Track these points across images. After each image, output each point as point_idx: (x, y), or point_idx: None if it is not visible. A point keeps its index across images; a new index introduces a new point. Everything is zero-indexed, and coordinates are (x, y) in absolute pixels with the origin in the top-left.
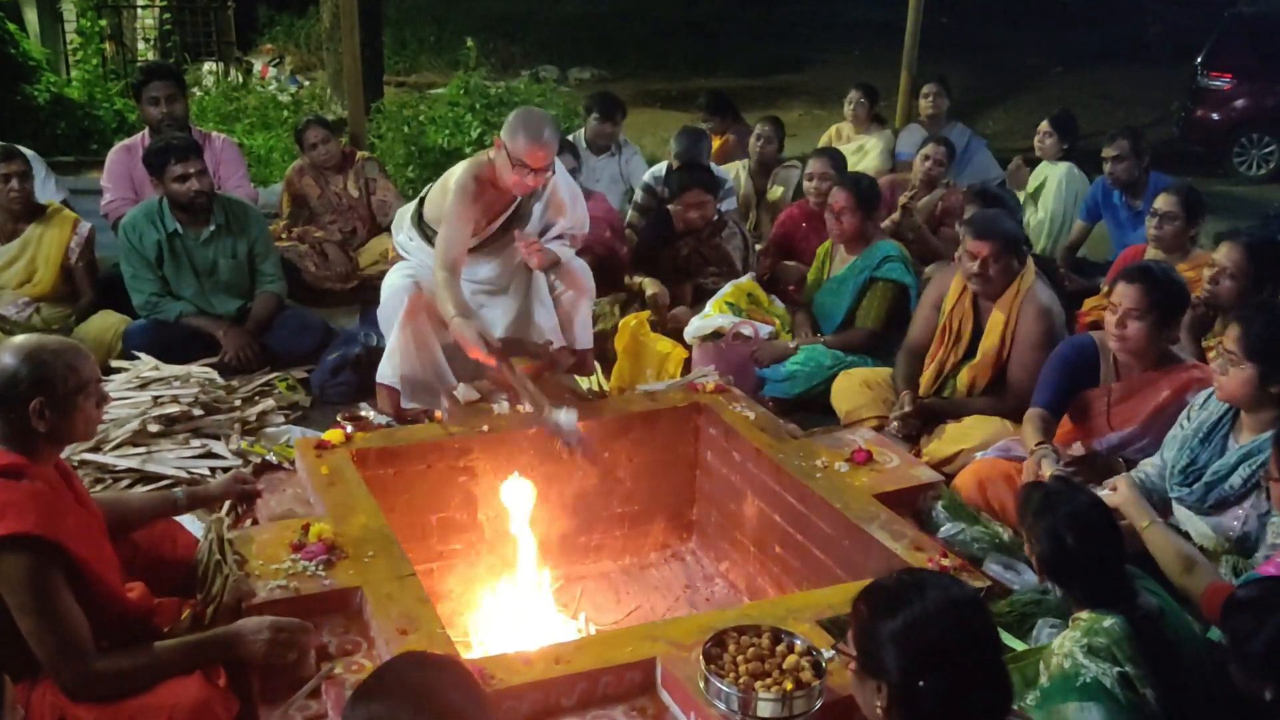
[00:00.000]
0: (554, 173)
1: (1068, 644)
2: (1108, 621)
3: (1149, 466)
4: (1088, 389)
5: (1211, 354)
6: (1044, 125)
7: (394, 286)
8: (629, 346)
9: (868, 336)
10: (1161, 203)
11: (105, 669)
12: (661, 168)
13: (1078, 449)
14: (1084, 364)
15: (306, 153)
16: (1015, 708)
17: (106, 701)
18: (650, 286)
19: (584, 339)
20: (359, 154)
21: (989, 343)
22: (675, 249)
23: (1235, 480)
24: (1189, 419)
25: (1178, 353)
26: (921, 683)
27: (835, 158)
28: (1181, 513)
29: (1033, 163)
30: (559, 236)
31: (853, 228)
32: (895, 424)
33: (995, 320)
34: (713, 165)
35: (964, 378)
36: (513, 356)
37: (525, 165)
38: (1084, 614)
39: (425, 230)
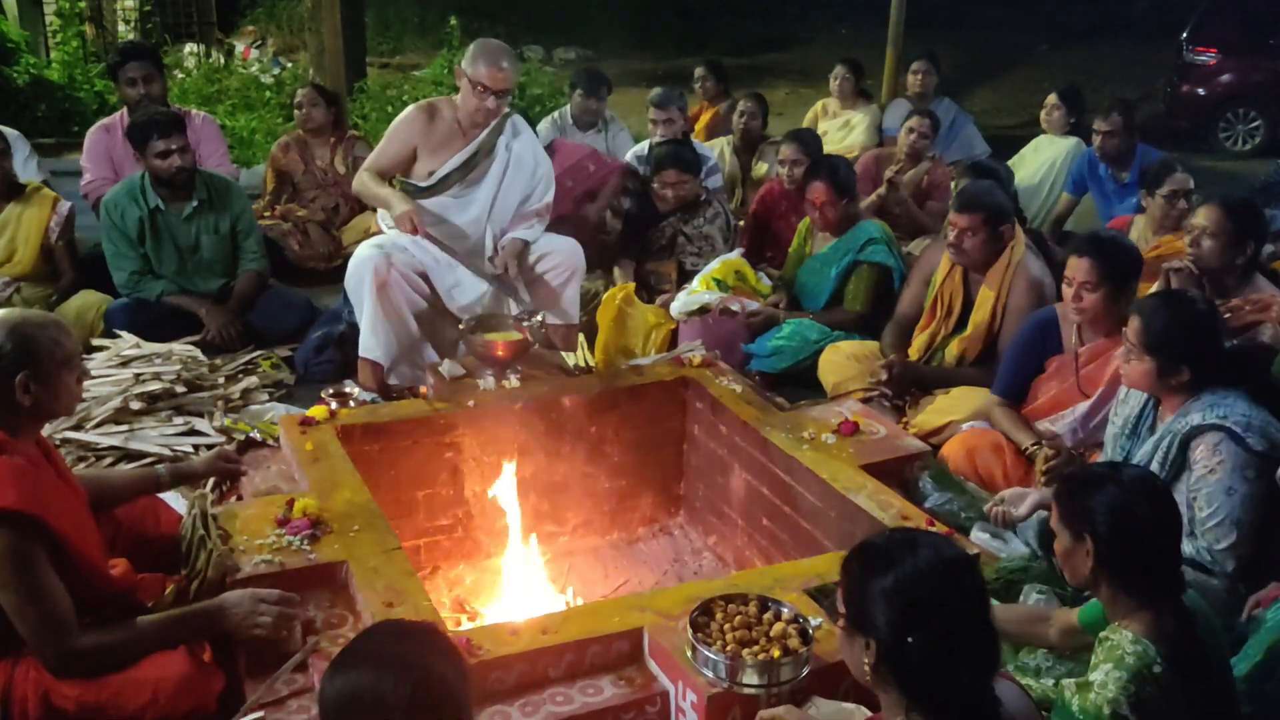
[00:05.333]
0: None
1: (1112, 688)
2: (1140, 646)
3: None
4: (1055, 356)
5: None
6: (1051, 98)
7: (360, 257)
8: (616, 318)
9: (856, 319)
10: (1184, 182)
11: (88, 645)
12: (643, 147)
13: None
14: (1045, 339)
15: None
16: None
17: (90, 677)
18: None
19: (570, 315)
20: (351, 132)
21: (980, 316)
22: (660, 229)
23: (1155, 466)
24: (1116, 414)
25: None
26: (910, 639)
27: (808, 142)
28: None
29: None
30: (524, 219)
31: (834, 217)
32: (880, 373)
33: (985, 294)
34: (695, 142)
35: (953, 349)
36: (496, 332)
37: (485, 87)
38: (1112, 635)
39: (392, 185)
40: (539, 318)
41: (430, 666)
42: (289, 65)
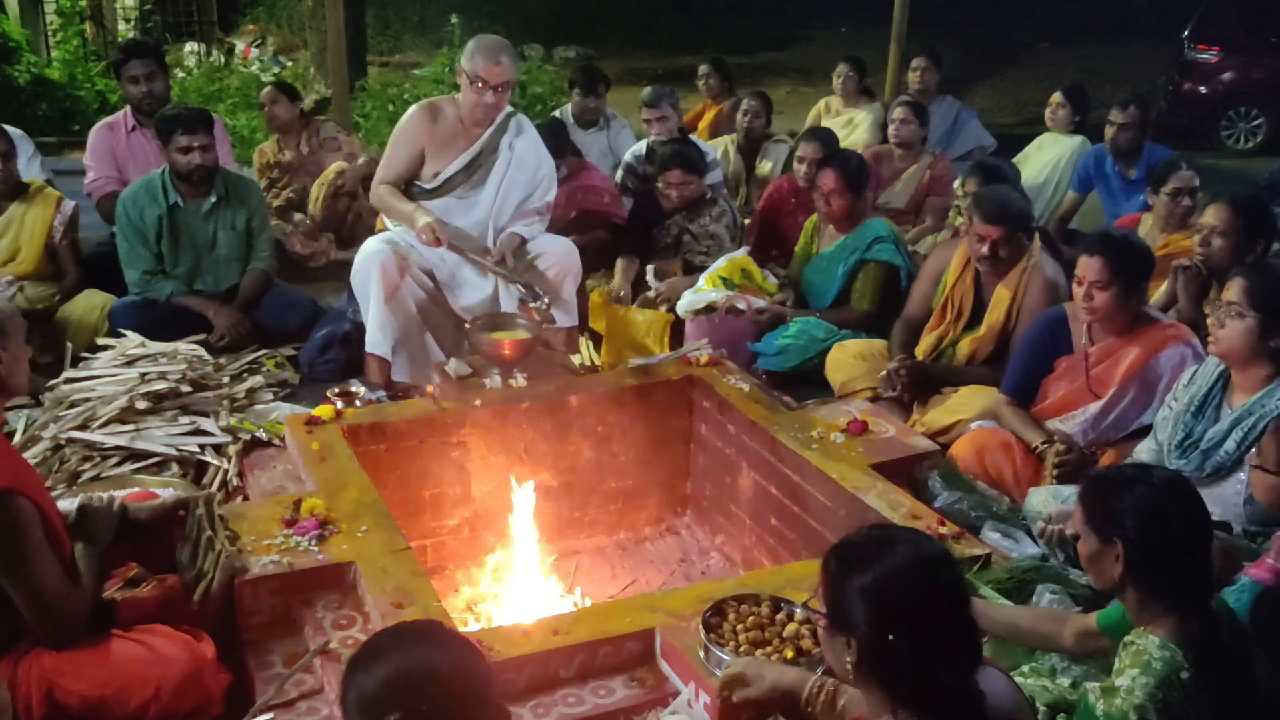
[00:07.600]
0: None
1: (1139, 693)
2: (1168, 651)
3: (1144, 453)
4: (1064, 356)
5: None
6: (1056, 97)
7: (367, 252)
8: (618, 319)
9: (863, 317)
10: (1189, 179)
11: (77, 607)
12: (641, 146)
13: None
14: (1055, 339)
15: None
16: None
17: (85, 639)
18: (617, 275)
19: (569, 317)
20: (317, 118)
21: (994, 317)
22: (665, 228)
23: (1229, 445)
24: (1176, 398)
25: (1150, 312)
26: (891, 636)
27: (827, 141)
28: None
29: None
30: (524, 216)
31: (841, 209)
32: (890, 374)
33: (1001, 296)
34: (697, 140)
35: (964, 348)
36: (502, 331)
37: (483, 82)
38: (1138, 640)
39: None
40: (544, 300)
41: (457, 662)
42: (289, 64)
